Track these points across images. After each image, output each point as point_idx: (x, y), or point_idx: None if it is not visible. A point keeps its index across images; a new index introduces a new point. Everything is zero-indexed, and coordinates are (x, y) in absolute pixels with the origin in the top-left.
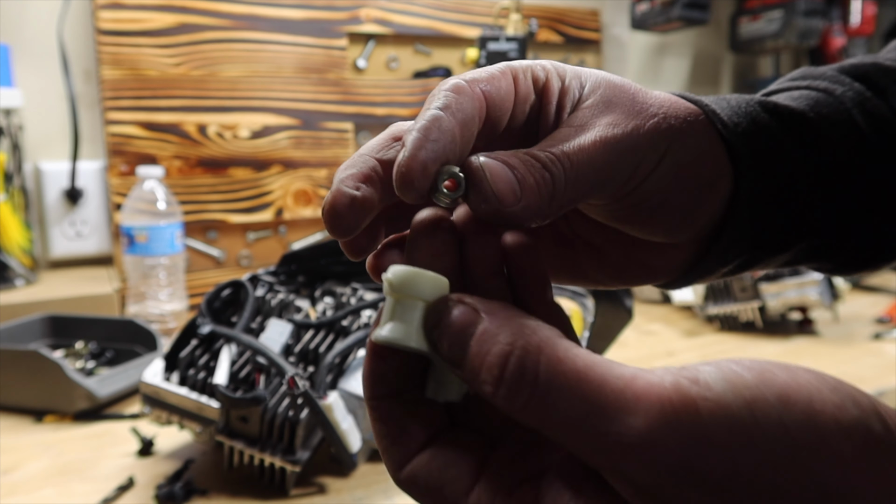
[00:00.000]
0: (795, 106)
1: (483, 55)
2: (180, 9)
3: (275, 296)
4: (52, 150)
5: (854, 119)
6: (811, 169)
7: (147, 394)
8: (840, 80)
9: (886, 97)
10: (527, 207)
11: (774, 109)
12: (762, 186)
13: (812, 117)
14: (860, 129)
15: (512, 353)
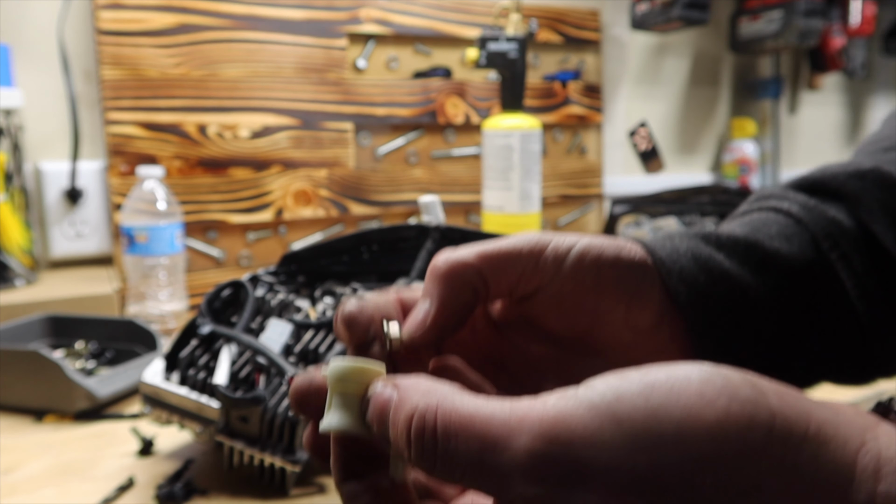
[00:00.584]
0: (739, 233)
1: (483, 55)
2: (180, 9)
3: (275, 296)
4: (52, 151)
5: (805, 227)
6: (764, 300)
7: (147, 394)
8: (785, 195)
9: (835, 203)
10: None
11: (717, 240)
12: (717, 339)
13: (758, 238)
14: (811, 234)
15: (414, 416)
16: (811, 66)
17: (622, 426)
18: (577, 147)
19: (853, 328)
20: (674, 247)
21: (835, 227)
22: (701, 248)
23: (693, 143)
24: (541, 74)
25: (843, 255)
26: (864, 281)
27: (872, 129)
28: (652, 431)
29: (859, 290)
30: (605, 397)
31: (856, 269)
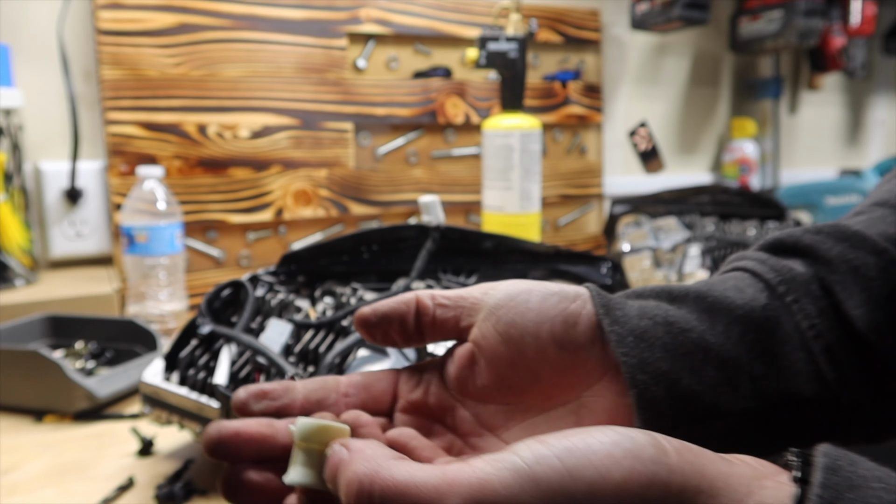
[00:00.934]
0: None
1: (483, 55)
2: (180, 9)
3: (275, 296)
4: (52, 150)
5: (759, 276)
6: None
7: (147, 394)
8: (738, 259)
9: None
10: None
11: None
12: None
13: (704, 289)
14: (763, 280)
15: (355, 480)
16: (811, 66)
17: (540, 486)
18: (577, 147)
19: (813, 371)
20: (624, 313)
21: (789, 274)
22: (651, 305)
23: (693, 143)
24: (541, 74)
25: (797, 299)
26: (817, 323)
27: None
28: (566, 491)
29: (814, 331)
30: (526, 460)
31: (809, 311)
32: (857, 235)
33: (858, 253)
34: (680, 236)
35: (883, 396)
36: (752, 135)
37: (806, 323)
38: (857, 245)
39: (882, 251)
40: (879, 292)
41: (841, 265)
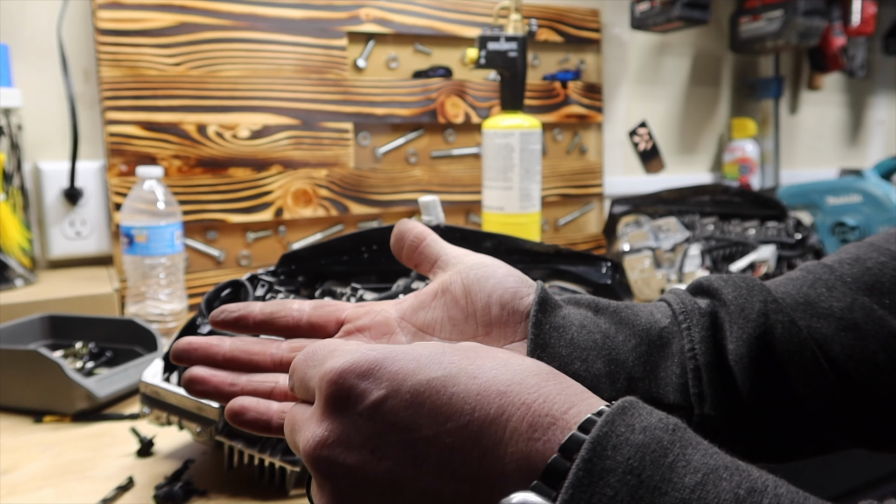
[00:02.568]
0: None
1: (483, 55)
2: (180, 8)
3: (275, 296)
4: (52, 150)
5: (664, 306)
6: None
7: (147, 394)
8: (658, 308)
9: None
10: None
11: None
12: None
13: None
14: (669, 307)
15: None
16: (811, 66)
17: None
18: (578, 147)
19: (680, 384)
20: (553, 310)
21: (692, 307)
22: (576, 311)
23: (693, 142)
24: (541, 74)
25: (689, 327)
26: (696, 347)
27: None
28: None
29: (691, 353)
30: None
31: (694, 338)
32: (758, 286)
33: (750, 299)
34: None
35: (736, 419)
36: (752, 135)
37: (688, 346)
38: (753, 292)
39: (771, 301)
40: (752, 333)
41: (731, 306)
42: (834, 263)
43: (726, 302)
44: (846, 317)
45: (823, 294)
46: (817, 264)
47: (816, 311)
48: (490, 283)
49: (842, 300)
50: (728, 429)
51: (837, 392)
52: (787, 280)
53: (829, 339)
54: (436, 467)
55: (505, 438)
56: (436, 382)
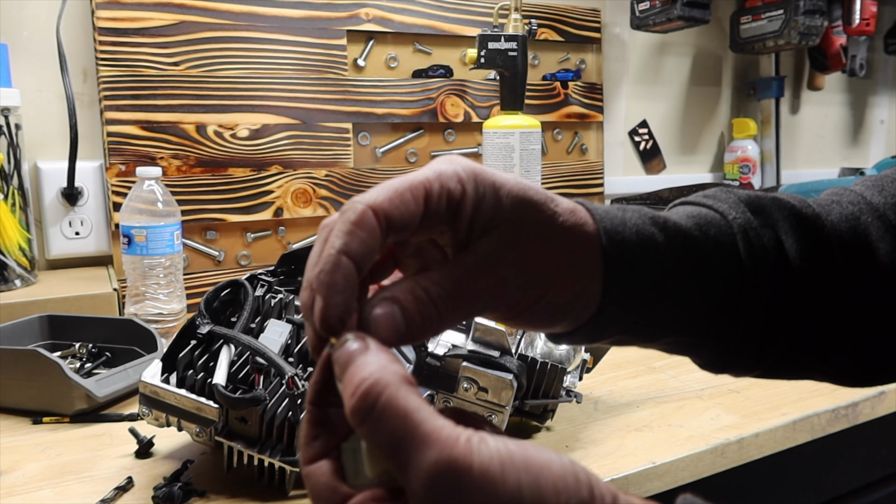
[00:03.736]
0: (683, 223)
1: (483, 54)
2: (179, 7)
3: (274, 296)
4: (51, 150)
5: (736, 243)
6: (684, 278)
7: (146, 394)
8: (736, 207)
9: (775, 230)
10: (410, 339)
11: (664, 224)
12: (630, 289)
13: (696, 235)
14: (737, 251)
15: (367, 382)
16: (812, 66)
17: (506, 481)
18: (578, 146)
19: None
20: (622, 219)
21: (762, 247)
22: (647, 227)
23: (694, 142)
24: (541, 74)
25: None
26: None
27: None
28: (524, 493)
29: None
30: (497, 459)
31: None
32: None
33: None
34: None
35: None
36: (753, 134)
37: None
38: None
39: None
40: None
41: (793, 233)
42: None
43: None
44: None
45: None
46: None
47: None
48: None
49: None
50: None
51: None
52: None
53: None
54: None
55: None
56: None
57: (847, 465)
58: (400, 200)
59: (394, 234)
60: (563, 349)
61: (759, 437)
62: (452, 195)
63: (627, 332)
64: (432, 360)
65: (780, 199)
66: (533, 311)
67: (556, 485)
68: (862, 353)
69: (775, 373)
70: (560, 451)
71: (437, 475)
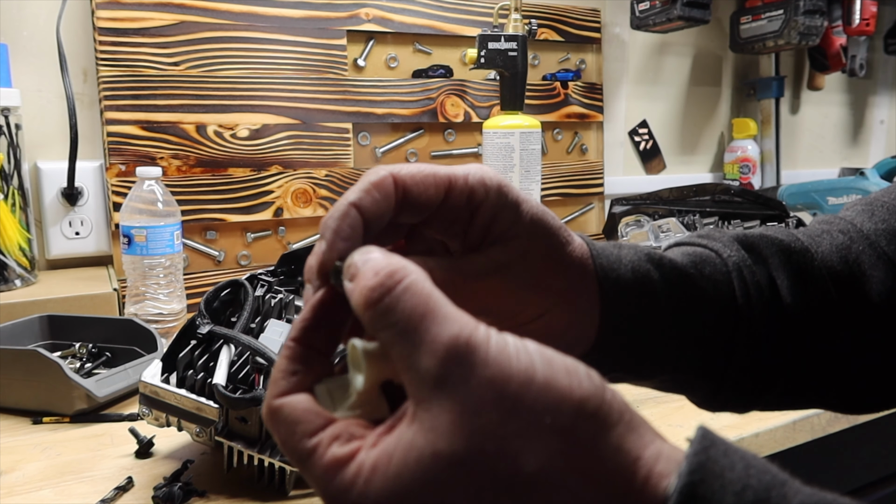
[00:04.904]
0: (679, 261)
1: (483, 54)
2: (179, 7)
3: (274, 296)
4: (51, 150)
5: (731, 281)
6: (679, 314)
7: (146, 394)
8: (730, 245)
9: (767, 267)
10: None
11: (659, 261)
12: (625, 326)
13: (692, 272)
14: (732, 288)
15: (392, 265)
16: (812, 66)
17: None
18: (578, 146)
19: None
20: (618, 256)
21: (756, 285)
22: (642, 264)
23: (694, 142)
24: (541, 74)
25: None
26: (757, 326)
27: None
28: (542, 385)
29: (753, 333)
30: (511, 350)
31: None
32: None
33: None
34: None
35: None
36: (752, 134)
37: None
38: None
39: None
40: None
41: (785, 273)
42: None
43: (775, 265)
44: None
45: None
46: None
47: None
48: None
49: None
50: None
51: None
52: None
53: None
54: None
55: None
56: None
57: (847, 465)
58: (422, 178)
59: (409, 210)
60: None
61: (759, 437)
62: (475, 194)
63: (622, 370)
64: None
65: (768, 236)
66: (527, 329)
67: (569, 369)
68: (858, 384)
69: (779, 406)
70: None
71: (455, 348)
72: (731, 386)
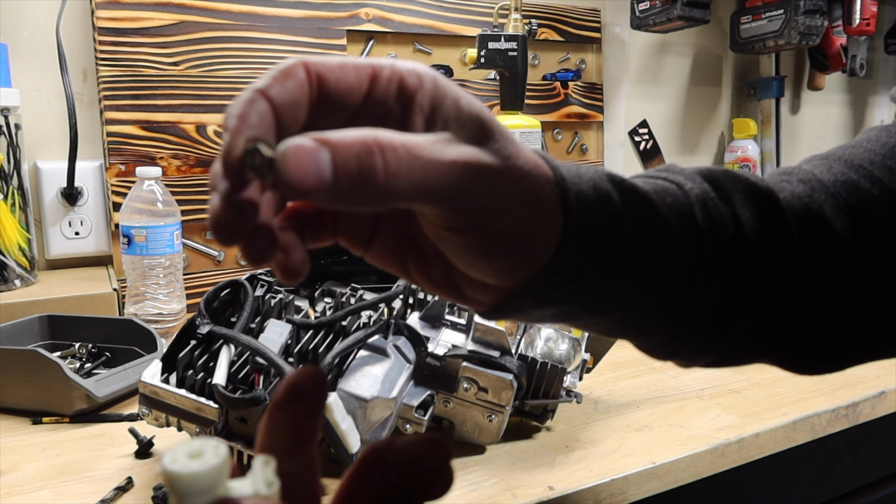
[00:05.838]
0: (641, 185)
1: (483, 54)
2: (179, 7)
3: (274, 296)
4: (50, 150)
5: (693, 213)
6: (639, 243)
7: (146, 394)
8: (692, 178)
9: (731, 203)
10: (336, 194)
11: (620, 184)
12: (586, 244)
13: (654, 199)
14: (695, 221)
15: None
16: (812, 66)
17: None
18: (578, 146)
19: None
20: (577, 172)
21: (720, 219)
22: (603, 183)
23: (694, 142)
24: (541, 74)
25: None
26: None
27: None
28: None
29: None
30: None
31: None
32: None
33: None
34: None
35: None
36: (753, 134)
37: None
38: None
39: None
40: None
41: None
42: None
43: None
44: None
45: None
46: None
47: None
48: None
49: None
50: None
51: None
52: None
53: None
54: None
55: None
56: None
57: (847, 465)
58: (339, 67)
59: (327, 106)
60: (563, 349)
61: (759, 438)
62: (406, 84)
63: (574, 301)
64: (432, 360)
65: (732, 173)
66: (490, 230)
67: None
68: (817, 334)
69: (727, 360)
70: (560, 451)
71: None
72: (687, 328)
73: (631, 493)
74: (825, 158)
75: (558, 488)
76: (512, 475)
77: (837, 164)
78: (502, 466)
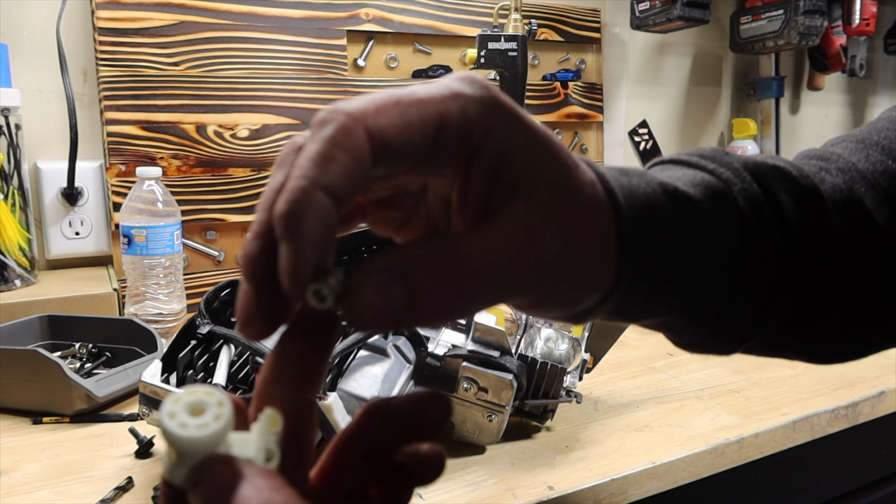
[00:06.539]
0: (693, 194)
1: (483, 54)
2: (179, 7)
3: None
4: (50, 150)
5: (743, 218)
6: (688, 256)
7: (146, 394)
8: (740, 176)
9: (778, 202)
10: (410, 325)
11: (674, 194)
12: (642, 268)
13: (706, 208)
14: (744, 228)
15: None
16: (812, 66)
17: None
18: (578, 146)
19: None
20: (629, 187)
21: (768, 227)
22: (657, 197)
23: (694, 142)
24: (541, 74)
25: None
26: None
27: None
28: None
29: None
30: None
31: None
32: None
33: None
34: None
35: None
36: (753, 134)
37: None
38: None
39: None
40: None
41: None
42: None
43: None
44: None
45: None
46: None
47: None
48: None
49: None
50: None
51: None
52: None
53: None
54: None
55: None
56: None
57: (847, 465)
58: (404, 128)
59: (385, 165)
60: (563, 349)
61: (759, 437)
62: (472, 130)
63: (615, 314)
64: (432, 360)
65: (780, 169)
66: (560, 291)
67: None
68: (848, 323)
69: (749, 352)
70: (560, 451)
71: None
72: (721, 329)
73: (631, 493)
74: (860, 143)
75: (558, 488)
76: (512, 475)
77: (874, 151)
78: (502, 466)
